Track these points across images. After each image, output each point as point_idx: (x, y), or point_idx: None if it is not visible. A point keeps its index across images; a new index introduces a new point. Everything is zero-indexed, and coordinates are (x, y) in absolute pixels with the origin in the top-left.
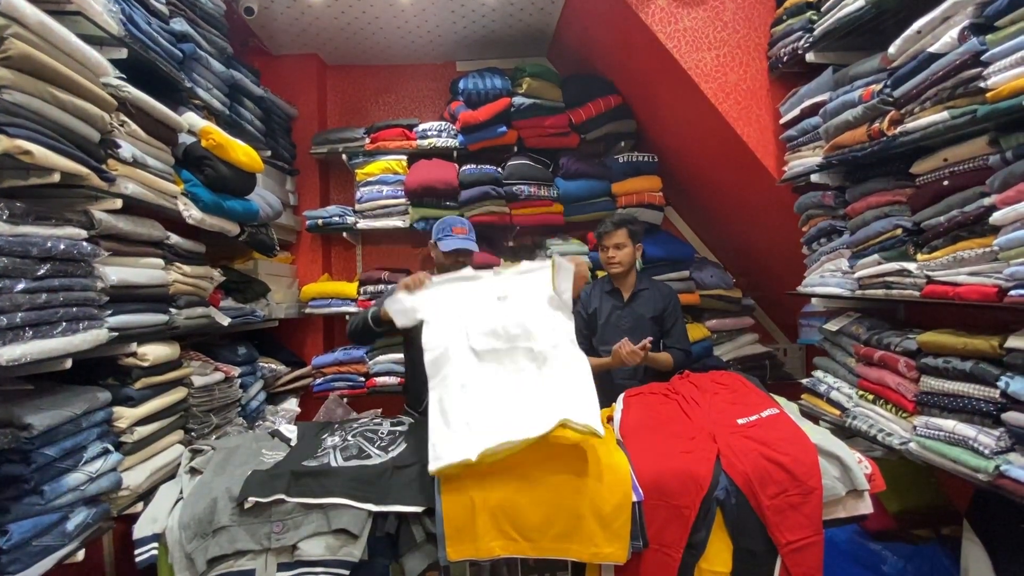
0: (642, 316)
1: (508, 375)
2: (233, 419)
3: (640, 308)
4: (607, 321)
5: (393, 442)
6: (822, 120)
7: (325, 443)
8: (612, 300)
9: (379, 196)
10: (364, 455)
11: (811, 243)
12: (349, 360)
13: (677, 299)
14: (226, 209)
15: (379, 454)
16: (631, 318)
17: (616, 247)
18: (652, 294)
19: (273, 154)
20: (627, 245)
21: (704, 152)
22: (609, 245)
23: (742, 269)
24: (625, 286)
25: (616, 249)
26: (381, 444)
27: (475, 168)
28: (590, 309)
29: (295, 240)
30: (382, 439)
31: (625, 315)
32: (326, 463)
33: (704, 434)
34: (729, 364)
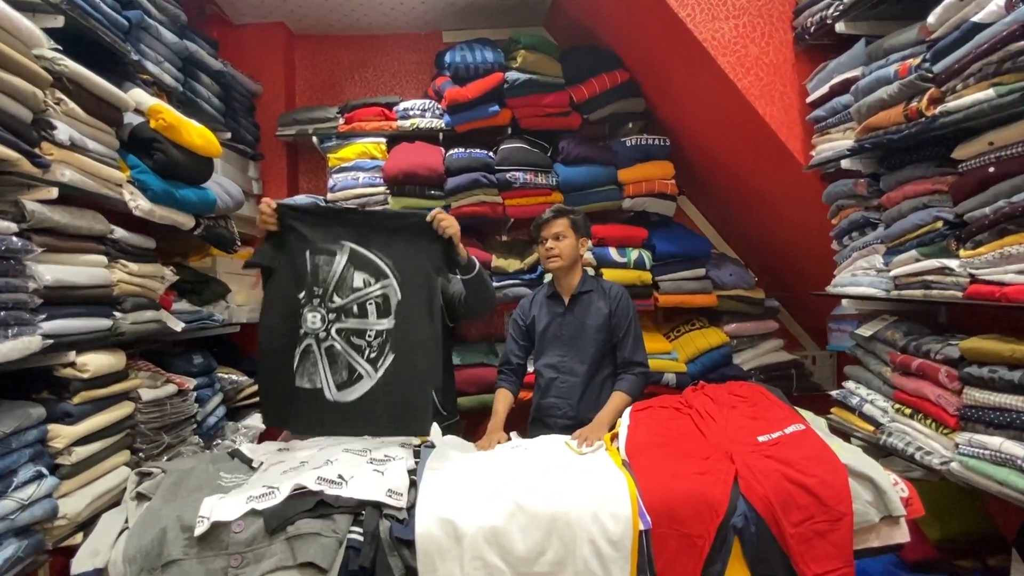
0: (584, 324)
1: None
2: (187, 438)
3: (582, 314)
4: (545, 332)
5: (382, 352)
6: (853, 98)
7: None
8: (552, 306)
9: (354, 184)
10: (355, 376)
11: (842, 237)
12: None
13: (628, 299)
14: (179, 199)
15: (368, 370)
16: (572, 327)
17: (555, 237)
18: (595, 296)
19: (233, 136)
20: (568, 236)
21: (722, 134)
22: (547, 236)
23: (765, 266)
24: (566, 288)
25: (555, 240)
26: (371, 355)
27: (463, 152)
28: (528, 318)
29: (259, 234)
30: (371, 347)
31: (566, 323)
32: (319, 388)
33: (720, 453)
34: (750, 374)
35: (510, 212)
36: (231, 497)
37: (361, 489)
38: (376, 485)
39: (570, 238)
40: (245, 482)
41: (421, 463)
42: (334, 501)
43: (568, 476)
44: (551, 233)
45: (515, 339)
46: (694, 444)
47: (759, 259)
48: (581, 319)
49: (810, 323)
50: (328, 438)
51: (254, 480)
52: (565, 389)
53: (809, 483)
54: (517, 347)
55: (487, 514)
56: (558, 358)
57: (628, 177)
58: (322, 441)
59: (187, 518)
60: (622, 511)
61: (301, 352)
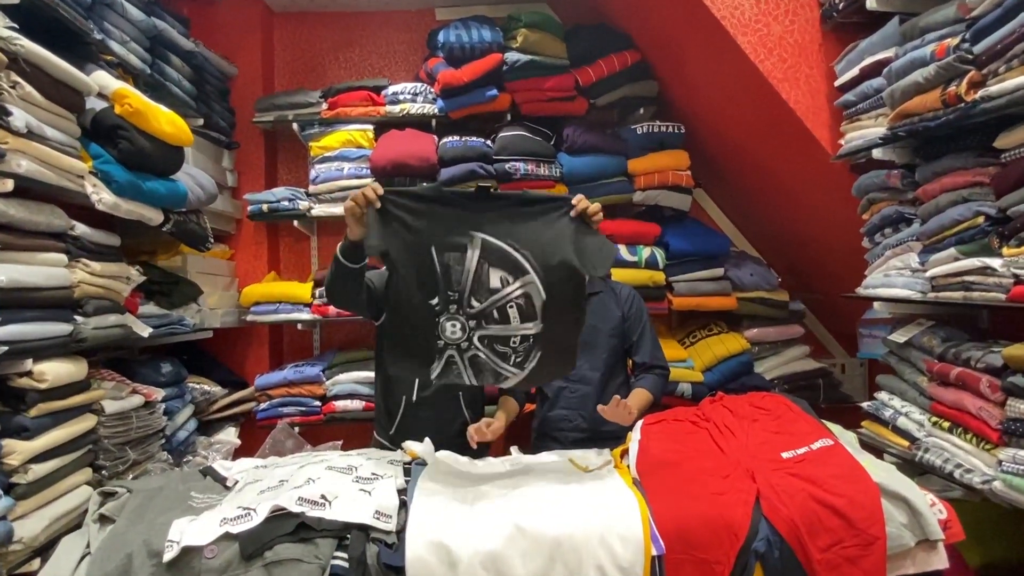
0: (595, 328)
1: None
2: (155, 454)
3: (592, 318)
4: None
5: (528, 355)
6: (886, 82)
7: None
8: None
9: (339, 175)
10: (501, 380)
11: (873, 234)
12: (301, 380)
13: (640, 300)
14: (146, 191)
15: (513, 371)
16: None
17: None
18: (606, 298)
19: (206, 123)
20: None
21: (742, 121)
22: None
23: (789, 266)
24: None
25: None
26: (517, 359)
27: (458, 141)
28: None
29: (234, 230)
30: (517, 352)
31: None
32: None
33: (740, 471)
34: (773, 383)
35: None
36: (203, 519)
37: (346, 510)
38: (363, 506)
39: None
40: (219, 502)
41: (412, 481)
42: (316, 524)
43: (573, 496)
44: None
45: None
46: (712, 461)
47: (783, 258)
48: (591, 323)
49: (839, 328)
50: (309, 454)
51: (228, 500)
52: (576, 399)
53: (838, 504)
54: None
55: (485, 538)
56: None
57: (639, 168)
58: (303, 458)
59: (155, 542)
60: (633, 534)
61: (443, 366)
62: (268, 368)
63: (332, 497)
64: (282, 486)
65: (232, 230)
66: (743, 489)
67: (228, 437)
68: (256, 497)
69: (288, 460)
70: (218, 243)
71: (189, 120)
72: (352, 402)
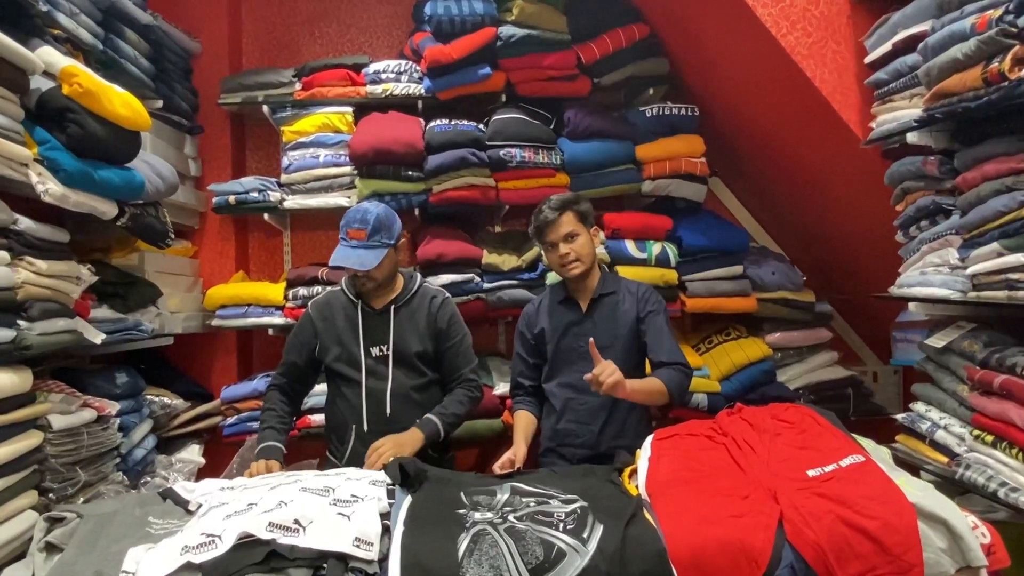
0: (608, 332)
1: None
2: (109, 474)
3: (606, 320)
4: (560, 344)
5: (583, 522)
6: (921, 58)
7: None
8: (566, 313)
9: (314, 163)
10: (555, 553)
11: (908, 227)
12: None
13: (657, 297)
14: (98, 181)
15: (572, 544)
16: (592, 335)
17: (567, 239)
18: (619, 299)
19: (166, 105)
20: (580, 232)
21: (762, 102)
22: (556, 240)
23: (815, 263)
24: (583, 292)
25: (568, 242)
26: (568, 527)
27: (448, 124)
28: (535, 329)
29: (197, 225)
30: (564, 521)
31: (584, 333)
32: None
33: (761, 491)
34: (798, 394)
35: (504, 197)
36: (162, 547)
37: (322, 537)
38: (340, 532)
39: (583, 234)
40: (180, 528)
41: (396, 505)
42: (289, 552)
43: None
44: (561, 235)
45: (524, 357)
46: (730, 480)
47: (808, 254)
48: (604, 326)
49: (870, 332)
50: (281, 474)
51: (191, 526)
52: (585, 412)
53: (870, 527)
54: (527, 366)
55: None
56: (577, 375)
57: (648, 154)
58: (274, 478)
59: (108, 573)
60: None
61: (471, 538)
62: (236, 378)
63: (307, 522)
64: (251, 510)
65: (195, 224)
66: (764, 511)
67: (191, 455)
68: (222, 522)
69: (258, 480)
70: (179, 239)
71: (147, 102)
72: None
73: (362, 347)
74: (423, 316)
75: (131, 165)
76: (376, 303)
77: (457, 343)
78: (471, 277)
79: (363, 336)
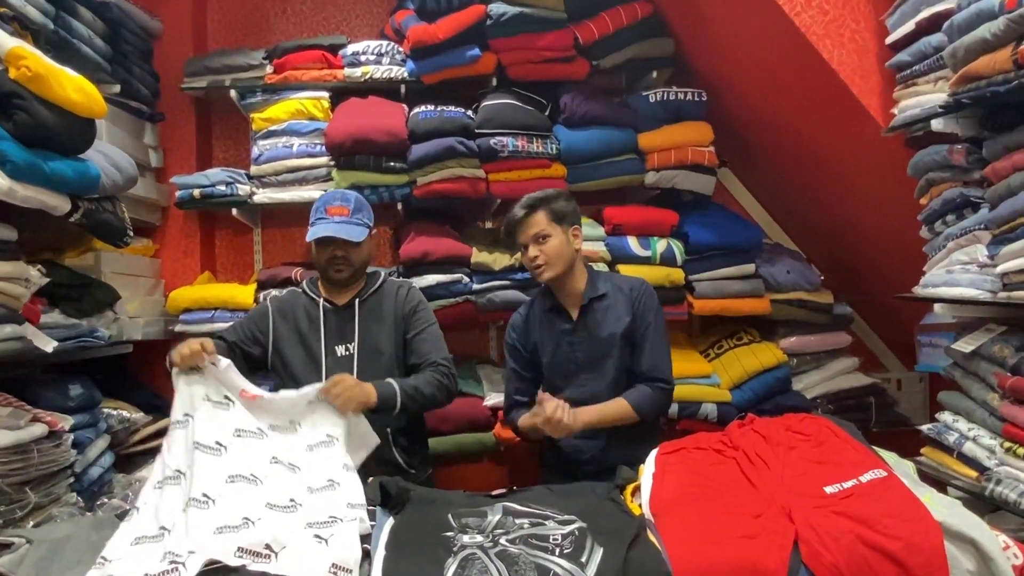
0: (602, 339)
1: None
2: (62, 496)
3: (599, 327)
4: (554, 359)
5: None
6: (947, 39)
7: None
8: (557, 323)
9: (287, 154)
10: None
11: (933, 221)
12: None
13: (650, 295)
14: (49, 174)
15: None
16: (587, 345)
17: (537, 240)
18: (612, 300)
19: (124, 90)
20: (552, 233)
21: (775, 86)
22: (526, 241)
23: (833, 261)
24: (570, 297)
25: (538, 243)
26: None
27: (433, 111)
28: (530, 343)
29: (158, 221)
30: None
31: (578, 343)
32: None
33: (775, 509)
34: (815, 403)
35: (495, 190)
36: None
37: (296, 564)
38: (316, 558)
39: (555, 236)
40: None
41: (377, 528)
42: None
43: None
44: (529, 236)
45: (519, 372)
46: (741, 497)
47: (826, 251)
48: (598, 335)
49: (893, 336)
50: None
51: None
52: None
53: (892, 548)
54: (524, 382)
55: None
56: (576, 389)
57: (652, 143)
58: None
59: None
60: None
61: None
62: None
63: (279, 547)
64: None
65: (156, 221)
66: (778, 531)
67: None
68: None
69: (207, 427)
70: (139, 237)
71: (102, 87)
72: None
73: (323, 346)
74: (390, 306)
75: (85, 156)
76: (339, 299)
77: (425, 330)
78: (459, 277)
79: (324, 334)
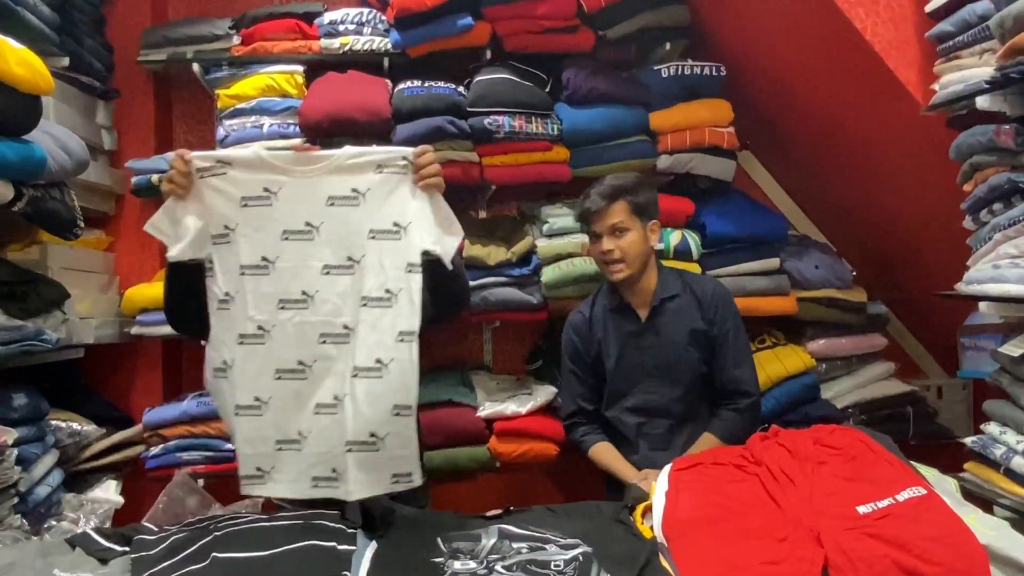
0: (673, 343)
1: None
2: (5, 518)
3: (670, 328)
4: (621, 362)
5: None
6: (993, 6)
7: None
8: (623, 324)
9: (257, 134)
10: None
11: (978, 210)
12: (208, 414)
13: (728, 300)
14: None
15: None
16: (658, 349)
17: (613, 233)
18: (686, 301)
19: (73, 64)
20: (631, 228)
21: (802, 60)
22: (600, 232)
23: (867, 255)
24: (640, 297)
25: (614, 237)
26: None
27: (420, 87)
28: (593, 346)
29: (113, 210)
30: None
31: (647, 345)
32: None
33: (802, 532)
34: (847, 413)
35: (490, 176)
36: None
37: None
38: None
39: (634, 230)
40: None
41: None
42: None
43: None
44: (606, 227)
45: (580, 377)
46: (764, 519)
47: (858, 244)
48: (670, 340)
49: (934, 338)
50: (216, 518)
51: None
52: (660, 437)
53: (932, 573)
54: (587, 388)
55: None
56: (643, 395)
57: (665, 123)
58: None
59: None
60: None
61: None
62: (162, 399)
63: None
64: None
65: (110, 210)
66: (806, 556)
67: (106, 494)
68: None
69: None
70: (90, 228)
71: (49, 60)
72: None
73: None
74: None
75: (29, 137)
76: None
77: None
78: None
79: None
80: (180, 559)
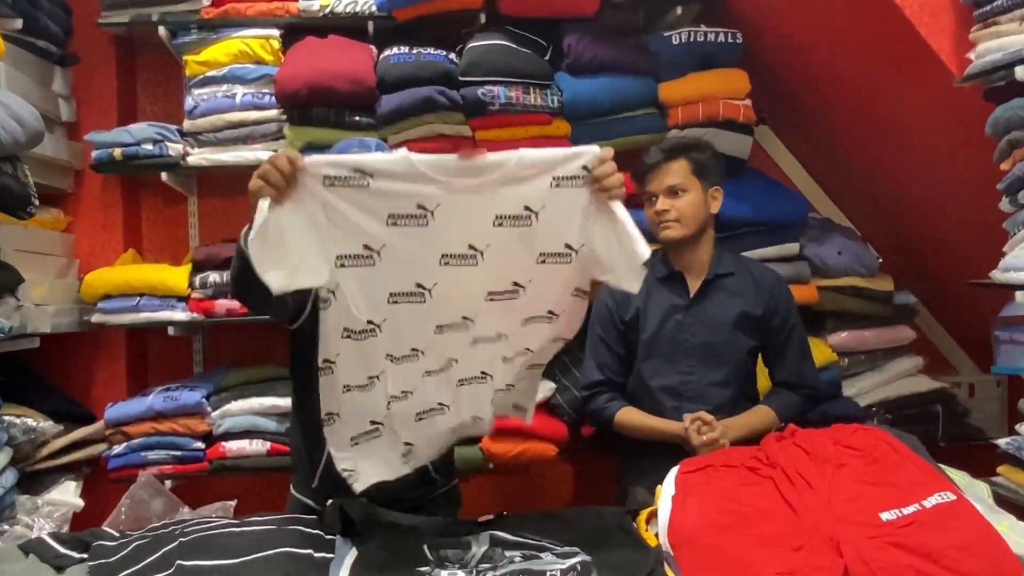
0: (720, 323)
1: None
2: None
3: (720, 309)
4: (659, 334)
5: None
6: None
7: None
8: (669, 295)
9: (229, 105)
10: None
11: (1016, 191)
12: (175, 410)
13: (788, 295)
14: None
15: None
16: (703, 328)
17: (670, 193)
18: (742, 283)
19: (27, 26)
20: (690, 189)
21: (825, 26)
22: (657, 191)
23: (894, 240)
24: (693, 268)
25: (671, 196)
26: None
27: (408, 54)
28: (629, 310)
29: (71, 187)
30: None
31: (691, 323)
32: None
33: (820, 540)
34: (871, 412)
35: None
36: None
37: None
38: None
39: (693, 191)
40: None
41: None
42: None
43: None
44: (663, 186)
45: (608, 344)
46: (779, 526)
47: (885, 228)
48: (717, 319)
49: (966, 331)
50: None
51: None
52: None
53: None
54: (614, 358)
55: None
56: (680, 376)
57: (676, 94)
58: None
59: None
60: None
61: None
62: (125, 393)
63: None
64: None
65: (68, 187)
66: (824, 566)
67: (64, 495)
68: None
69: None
70: (46, 207)
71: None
72: (251, 443)
73: None
74: None
75: None
76: None
77: None
78: None
79: None
80: (142, 567)
